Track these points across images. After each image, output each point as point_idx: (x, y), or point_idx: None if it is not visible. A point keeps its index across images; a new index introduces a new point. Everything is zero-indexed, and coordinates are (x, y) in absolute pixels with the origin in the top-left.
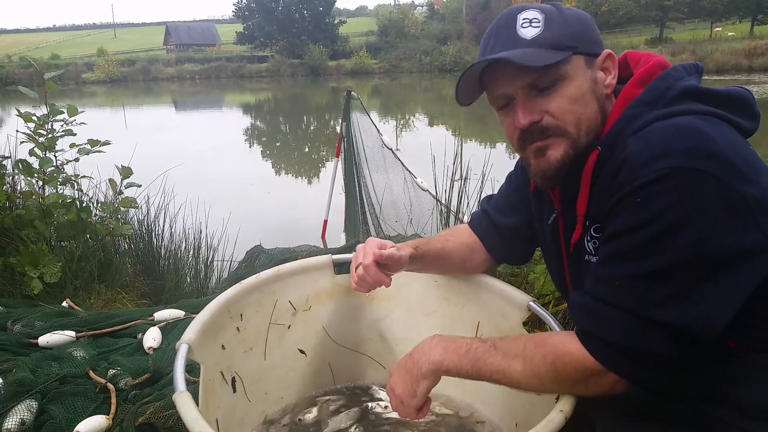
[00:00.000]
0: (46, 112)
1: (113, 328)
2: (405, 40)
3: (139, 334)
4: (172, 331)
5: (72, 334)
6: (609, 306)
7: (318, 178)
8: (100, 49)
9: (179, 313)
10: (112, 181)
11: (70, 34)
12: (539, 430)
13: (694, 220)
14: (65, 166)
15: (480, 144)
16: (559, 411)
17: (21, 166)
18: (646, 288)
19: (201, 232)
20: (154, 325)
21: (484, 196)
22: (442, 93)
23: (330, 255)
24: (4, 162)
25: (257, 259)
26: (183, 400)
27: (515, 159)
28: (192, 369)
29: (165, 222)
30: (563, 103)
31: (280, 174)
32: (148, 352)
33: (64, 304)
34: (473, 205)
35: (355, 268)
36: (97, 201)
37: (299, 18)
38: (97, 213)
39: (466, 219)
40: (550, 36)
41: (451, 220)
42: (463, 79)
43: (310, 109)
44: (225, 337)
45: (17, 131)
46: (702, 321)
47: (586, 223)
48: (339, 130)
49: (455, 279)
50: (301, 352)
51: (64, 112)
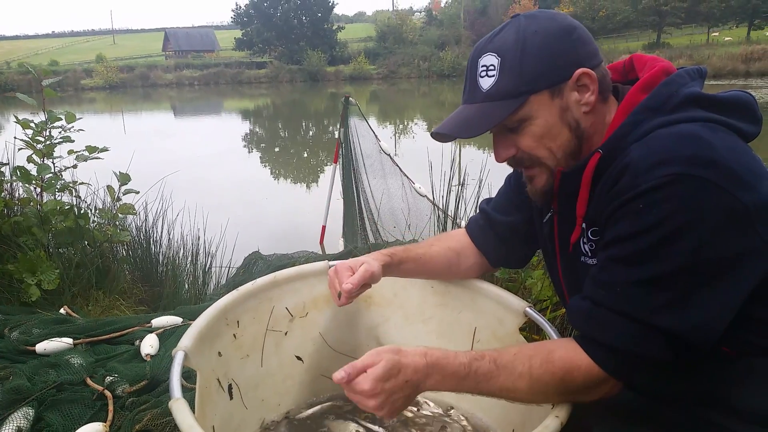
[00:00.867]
0: (44, 119)
1: (111, 335)
2: (403, 46)
3: (137, 341)
4: (170, 338)
5: (69, 341)
6: (610, 311)
7: (317, 183)
8: (98, 56)
9: (177, 319)
10: (110, 187)
11: (68, 40)
12: None
13: (695, 227)
14: (63, 173)
15: (478, 149)
16: (555, 417)
17: (19, 172)
18: (647, 294)
19: (199, 239)
20: (151, 332)
21: (482, 200)
22: (440, 98)
23: (327, 261)
24: (2, 169)
25: (255, 265)
26: (179, 407)
27: None
28: (189, 376)
29: (163, 228)
30: (530, 141)
31: (278, 180)
32: (145, 359)
33: (62, 311)
34: (470, 211)
35: (338, 296)
36: (95, 207)
37: (298, 24)
38: (95, 219)
39: (463, 224)
40: (503, 85)
41: (449, 225)
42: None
43: (309, 115)
44: (222, 344)
45: (15, 138)
46: (701, 327)
47: (583, 225)
48: (337, 136)
49: (452, 285)
50: (298, 358)
51: (62, 119)
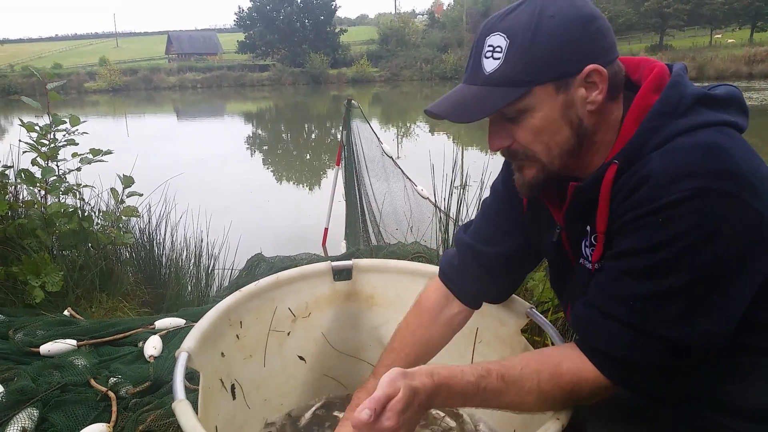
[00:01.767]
0: (48, 122)
1: (114, 337)
2: (406, 49)
3: (140, 343)
4: (173, 339)
5: (73, 342)
6: (620, 324)
7: (319, 186)
8: (102, 59)
9: (180, 321)
10: (113, 190)
11: (72, 43)
12: None
13: (713, 240)
14: (67, 176)
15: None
16: (557, 419)
17: (23, 175)
18: (658, 307)
19: (202, 241)
20: (154, 333)
21: (457, 230)
22: None
23: (329, 262)
24: (7, 171)
25: (258, 267)
26: (182, 408)
27: None
28: (192, 377)
29: (166, 231)
30: (528, 135)
31: (281, 182)
32: (148, 360)
33: (66, 312)
34: (472, 213)
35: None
36: (99, 210)
37: (300, 27)
38: (99, 222)
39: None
40: (507, 71)
41: (450, 227)
42: (430, 114)
43: (311, 118)
44: (224, 345)
45: (20, 141)
46: (708, 336)
47: (587, 227)
48: (340, 139)
49: None
50: (301, 358)
51: (66, 122)
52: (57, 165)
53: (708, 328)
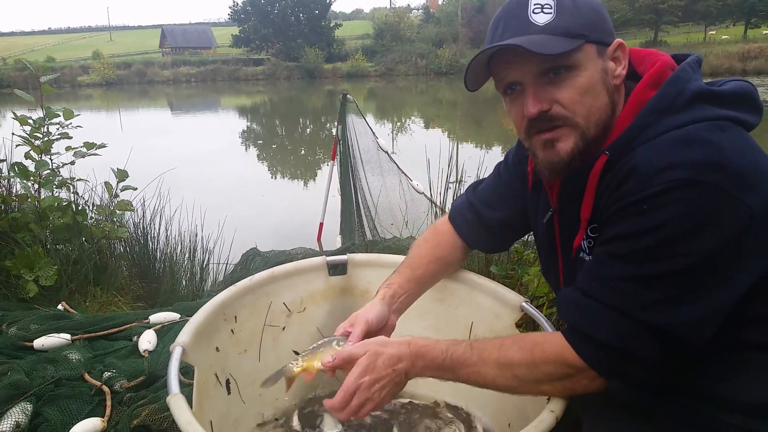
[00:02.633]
0: (42, 116)
1: (109, 331)
2: (401, 43)
3: (135, 337)
4: (168, 333)
5: (67, 336)
6: (600, 304)
7: (314, 180)
8: (95, 52)
9: (174, 315)
10: (107, 184)
11: (65, 36)
12: (530, 430)
13: (699, 230)
14: (61, 169)
15: (476, 146)
16: (551, 411)
17: (17, 169)
18: (640, 290)
19: (197, 235)
20: (149, 327)
21: (469, 186)
22: (437, 96)
23: (324, 257)
24: (0, 165)
25: (253, 261)
26: (177, 402)
27: None
28: (187, 371)
29: (161, 225)
30: (573, 94)
31: (276, 177)
32: (143, 354)
33: (60, 307)
34: None
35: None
36: (93, 204)
37: (295, 21)
38: (93, 216)
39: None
40: (562, 23)
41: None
42: (472, 65)
43: (306, 112)
44: (219, 339)
45: (13, 134)
46: (692, 326)
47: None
48: (335, 133)
49: (450, 280)
50: (296, 353)
51: (59, 116)
52: (50, 158)
53: (693, 317)
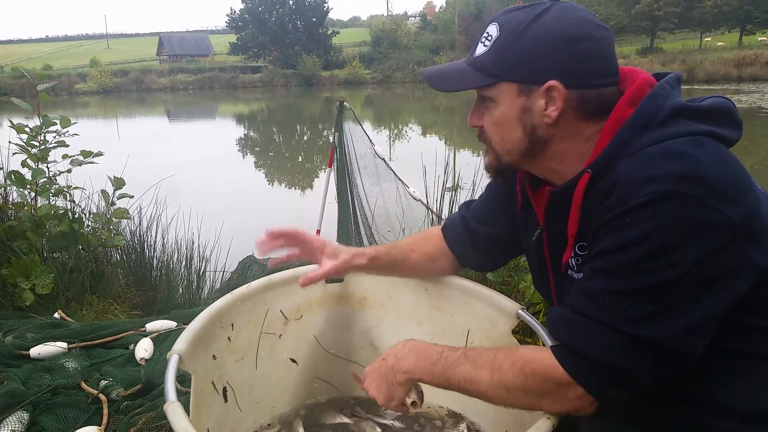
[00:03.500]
0: (38, 123)
1: (105, 339)
2: (398, 51)
3: (131, 345)
4: (164, 341)
5: (64, 345)
6: (589, 319)
7: (311, 188)
8: (92, 60)
9: (171, 323)
10: (104, 192)
11: (62, 44)
12: None
13: (681, 242)
14: (58, 178)
15: (473, 153)
16: (547, 419)
17: (13, 177)
18: (628, 305)
19: (193, 243)
20: (146, 335)
21: (463, 202)
22: (434, 103)
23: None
24: None
25: (249, 269)
26: (174, 410)
27: None
28: (184, 379)
29: (157, 233)
30: (489, 123)
31: (273, 184)
32: (140, 362)
33: (56, 315)
34: None
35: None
36: (90, 212)
37: (292, 29)
38: (90, 224)
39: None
40: (487, 59)
41: None
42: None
43: (303, 120)
44: (216, 347)
45: (10, 142)
46: (680, 338)
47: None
48: (332, 140)
49: (446, 287)
50: (293, 361)
51: (56, 124)
52: (47, 167)
53: (680, 329)
